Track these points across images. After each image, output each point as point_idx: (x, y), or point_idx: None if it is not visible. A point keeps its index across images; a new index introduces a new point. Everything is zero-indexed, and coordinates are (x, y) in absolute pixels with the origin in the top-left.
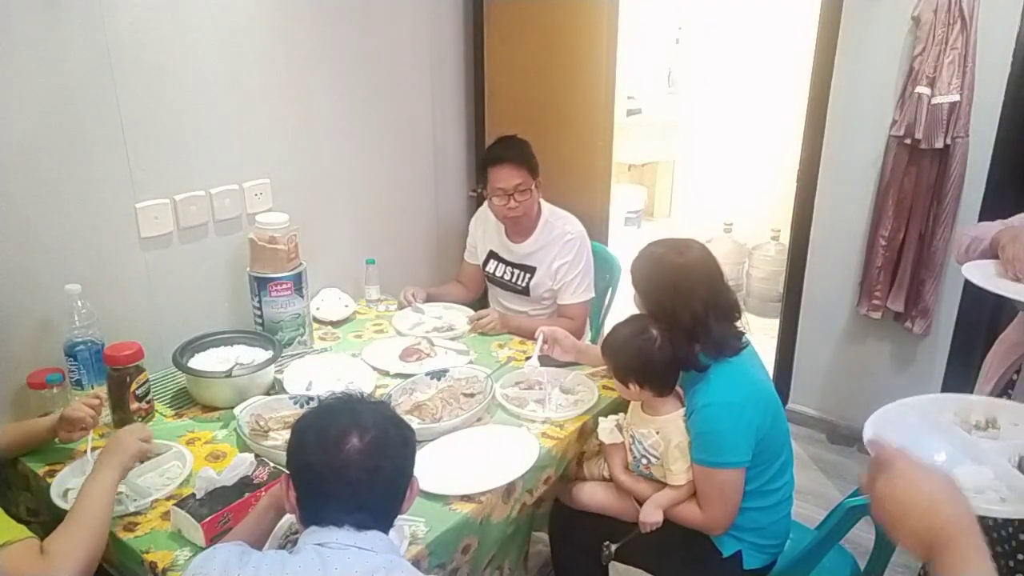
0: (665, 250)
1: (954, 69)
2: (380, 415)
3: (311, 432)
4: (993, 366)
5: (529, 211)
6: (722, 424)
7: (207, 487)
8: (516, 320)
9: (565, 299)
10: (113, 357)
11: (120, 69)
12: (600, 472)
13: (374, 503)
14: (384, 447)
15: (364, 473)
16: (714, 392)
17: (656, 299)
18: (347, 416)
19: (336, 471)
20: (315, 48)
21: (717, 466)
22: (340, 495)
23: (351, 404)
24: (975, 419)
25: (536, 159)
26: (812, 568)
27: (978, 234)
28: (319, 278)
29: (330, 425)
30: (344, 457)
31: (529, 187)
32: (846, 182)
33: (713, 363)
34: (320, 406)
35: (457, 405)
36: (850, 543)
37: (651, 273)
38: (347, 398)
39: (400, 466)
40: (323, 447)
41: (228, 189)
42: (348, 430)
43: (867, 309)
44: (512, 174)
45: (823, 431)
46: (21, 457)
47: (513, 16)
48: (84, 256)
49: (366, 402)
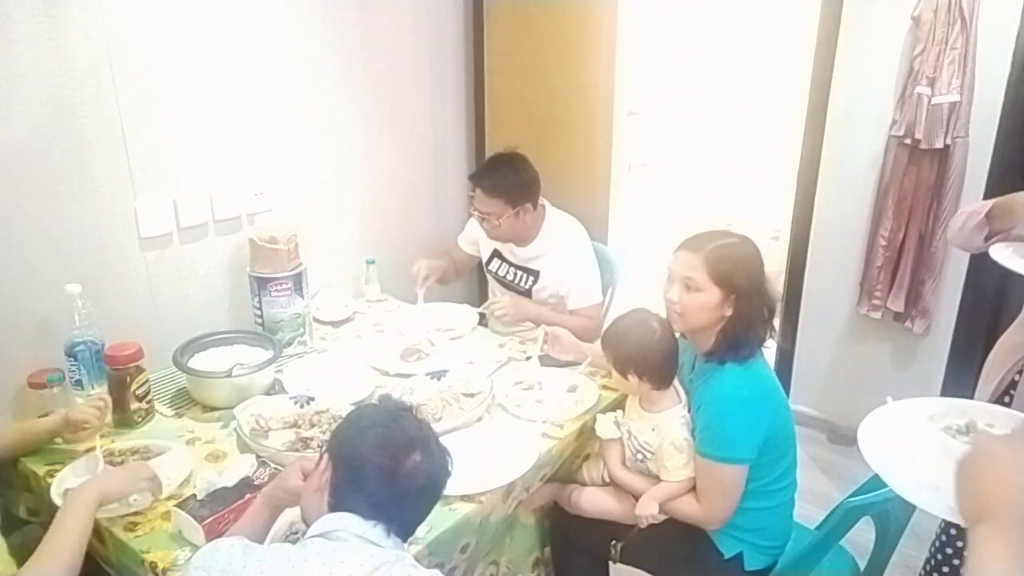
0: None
1: (954, 69)
2: (441, 448)
3: (376, 430)
4: (995, 367)
5: (504, 234)
6: (732, 419)
7: (207, 488)
8: (534, 310)
9: (580, 302)
10: (113, 357)
11: (120, 69)
12: (600, 475)
13: (407, 516)
14: (437, 475)
15: (414, 488)
16: (727, 387)
17: (748, 274)
18: (416, 430)
19: (390, 476)
20: (315, 48)
21: (721, 460)
22: (378, 496)
23: (420, 423)
24: (954, 423)
25: (525, 184)
26: (812, 568)
27: (973, 209)
28: (319, 278)
29: (400, 432)
30: (403, 468)
31: (500, 216)
32: (846, 182)
33: (731, 360)
34: (387, 408)
35: (457, 405)
36: (850, 543)
37: (748, 249)
38: (414, 414)
39: (432, 499)
40: (387, 451)
41: (228, 189)
42: (415, 444)
43: (867, 309)
44: (484, 201)
45: (823, 431)
46: (21, 457)
47: (513, 16)
48: (84, 256)
49: (429, 427)
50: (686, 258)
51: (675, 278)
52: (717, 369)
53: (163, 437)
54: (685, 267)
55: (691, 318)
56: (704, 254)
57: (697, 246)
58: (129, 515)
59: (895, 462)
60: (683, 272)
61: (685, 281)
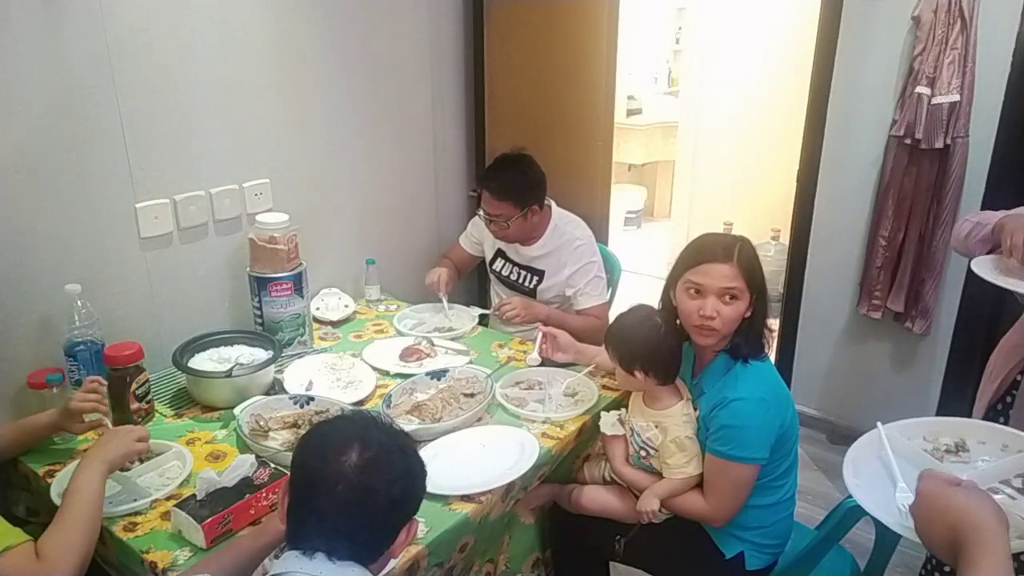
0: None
1: (954, 69)
2: (391, 440)
3: (315, 437)
4: (996, 367)
5: (511, 236)
6: (751, 420)
7: (208, 488)
8: (544, 310)
9: (586, 303)
10: (113, 357)
11: (120, 69)
12: (602, 474)
13: (356, 531)
14: (382, 470)
15: (353, 493)
16: (746, 387)
17: (762, 271)
18: (355, 429)
19: (326, 482)
20: (315, 48)
21: (737, 460)
22: (323, 512)
23: (365, 420)
24: (944, 443)
25: (533, 185)
26: (812, 568)
27: (981, 220)
28: (319, 278)
29: (335, 433)
30: (337, 469)
31: (508, 219)
32: (846, 182)
33: (750, 360)
34: (338, 416)
35: (457, 405)
36: (850, 543)
37: (751, 244)
38: (365, 414)
39: (396, 498)
40: (320, 454)
41: (228, 189)
42: (350, 442)
43: (867, 309)
44: (492, 204)
45: (823, 431)
46: (21, 457)
47: (513, 16)
48: (84, 256)
49: (383, 425)
50: (721, 270)
51: (709, 291)
52: (735, 369)
53: (163, 437)
54: (723, 279)
55: (727, 329)
56: (737, 262)
57: (727, 255)
58: (129, 515)
59: (878, 491)
60: (722, 284)
61: (725, 293)
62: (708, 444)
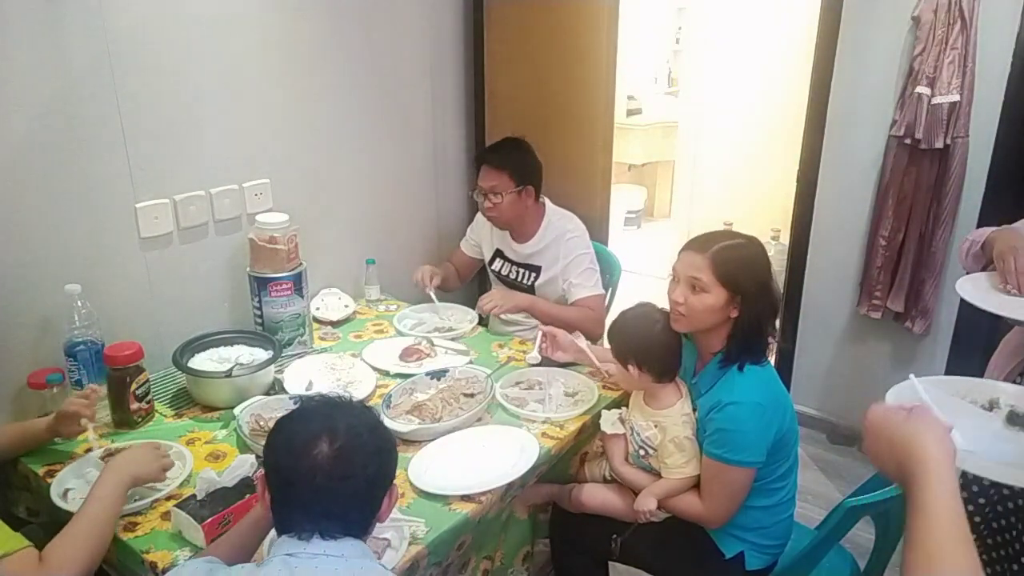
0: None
1: (954, 69)
2: (357, 420)
3: (283, 433)
4: (997, 368)
5: (504, 214)
6: (747, 424)
7: (208, 488)
8: (526, 299)
9: (580, 293)
10: (113, 357)
11: (120, 69)
12: (602, 473)
13: (344, 512)
14: (355, 455)
15: (332, 481)
16: (743, 391)
17: (754, 276)
18: (320, 420)
19: (303, 476)
20: (315, 48)
21: (732, 463)
22: (307, 501)
23: (328, 408)
24: (976, 399)
25: (531, 166)
26: (812, 568)
27: (975, 237)
28: (319, 278)
29: (302, 428)
30: (311, 463)
31: (503, 191)
32: (846, 182)
33: (747, 363)
34: (298, 408)
35: (457, 405)
36: (850, 543)
37: (754, 249)
38: (326, 401)
39: (373, 475)
40: (291, 451)
41: (228, 189)
42: (319, 435)
43: (867, 309)
44: (488, 175)
45: (823, 431)
46: (21, 457)
47: (513, 16)
48: (84, 256)
49: (345, 406)
50: (691, 259)
51: (680, 278)
52: (731, 373)
53: (163, 437)
54: (690, 268)
55: (696, 319)
56: (710, 255)
57: (703, 247)
58: (129, 515)
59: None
60: (688, 273)
61: (691, 282)
62: (704, 446)
